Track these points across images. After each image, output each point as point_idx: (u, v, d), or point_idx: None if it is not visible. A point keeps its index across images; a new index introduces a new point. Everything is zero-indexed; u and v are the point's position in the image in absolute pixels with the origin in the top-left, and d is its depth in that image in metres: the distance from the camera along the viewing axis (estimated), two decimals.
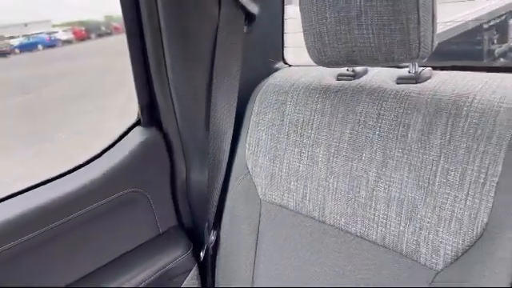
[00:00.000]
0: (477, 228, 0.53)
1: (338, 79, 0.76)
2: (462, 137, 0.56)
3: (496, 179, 0.52)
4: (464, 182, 0.55)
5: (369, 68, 0.77)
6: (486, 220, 0.53)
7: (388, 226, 0.62)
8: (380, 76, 0.72)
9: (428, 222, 0.58)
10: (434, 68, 0.70)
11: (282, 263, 0.78)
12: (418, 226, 0.59)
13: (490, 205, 0.52)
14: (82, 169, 0.91)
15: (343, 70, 0.76)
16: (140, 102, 0.96)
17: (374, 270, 0.64)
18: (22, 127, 6.00)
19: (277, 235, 0.79)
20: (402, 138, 0.61)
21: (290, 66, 0.98)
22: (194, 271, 0.99)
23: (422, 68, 0.67)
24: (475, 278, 0.53)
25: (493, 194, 0.52)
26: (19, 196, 0.83)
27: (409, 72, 0.67)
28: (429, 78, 0.66)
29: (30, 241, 0.77)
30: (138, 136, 0.96)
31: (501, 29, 2.38)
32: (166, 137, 0.97)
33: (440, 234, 0.56)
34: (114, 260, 0.91)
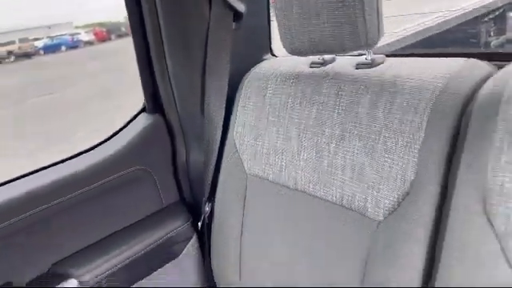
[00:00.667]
0: (406, 184, 0.65)
1: (311, 67, 0.88)
2: (397, 110, 0.67)
3: (419, 143, 0.63)
4: (397, 147, 0.66)
5: (337, 57, 0.88)
6: (412, 177, 0.64)
7: (344, 188, 0.74)
8: (343, 63, 0.83)
9: (373, 182, 0.69)
10: (391, 55, 0.81)
11: (263, 228, 0.91)
12: (365, 186, 0.70)
13: (415, 165, 0.64)
14: (95, 149, 1.05)
15: (315, 58, 0.88)
16: (145, 92, 1.10)
17: (333, 226, 0.76)
18: (43, 127, 6.31)
19: (259, 204, 0.92)
20: (354, 114, 0.73)
21: (277, 56, 1.10)
22: (194, 239, 1.13)
23: (376, 55, 0.78)
24: (406, 225, 0.65)
25: (417, 155, 0.64)
26: (40, 172, 0.98)
27: (365, 59, 0.78)
28: (381, 63, 0.77)
29: (48, 210, 0.91)
30: (143, 121, 1.10)
31: (498, 21, 2.41)
32: (167, 122, 1.10)
33: (381, 191, 0.68)
34: (122, 228, 1.05)
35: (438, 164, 0.62)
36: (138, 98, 1.15)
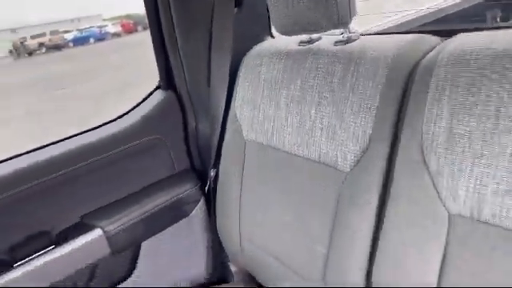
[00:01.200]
0: (367, 140, 0.77)
1: (299, 45, 1.00)
2: (361, 77, 0.79)
3: (376, 104, 0.76)
4: (361, 110, 0.78)
5: (323, 36, 1.01)
6: (370, 132, 0.76)
7: (321, 147, 0.87)
8: (326, 41, 0.96)
9: (342, 140, 0.82)
10: (365, 34, 0.93)
11: (258, 186, 1.05)
12: (337, 143, 0.83)
13: (373, 123, 0.76)
14: (116, 120, 1.22)
15: (304, 38, 1.01)
16: (159, 71, 1.25)
17: (314, 180, 0.89)
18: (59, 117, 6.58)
19: (255, 166, 1.06)
20: (329, 84, 0.86)
21: (274, 37, 1.23)
22: (202, 202, 1.28)
23: (352, 34, 0.90)
24: (366, 176, 0.77)
25: (374, 114, 0.76)
26: (70, 139, 1.15)
27: (342, 37, 0.91)
28: (355, 40, 0.89)
29: (77, 170, 1.08)
30: (158, 97, 1.25)
31: (506, 7, 2.41)
32: (179, 97, 1.25)
33: (348, 146, 0.81)
34: (140, 189, 1.21)
35: (390, 122, 0.74)
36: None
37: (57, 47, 25.66)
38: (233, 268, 1.29)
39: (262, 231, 1.06)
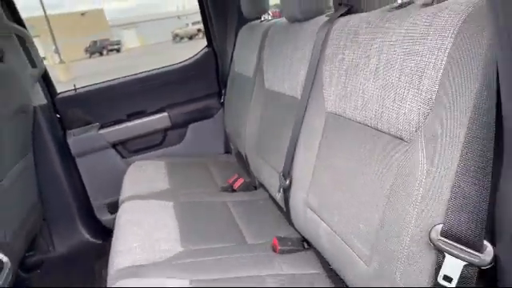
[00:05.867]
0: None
1: (260, 21, 1.94)
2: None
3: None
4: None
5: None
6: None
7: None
8: (265, 21, 1.90)
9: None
10: None
11: (235, 97, 2.05)
12: None
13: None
14: (183, 62, 2.34)
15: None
16: (206, 36, 2.34)
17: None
18: None
19: (235, 86, 2.06)
20: (256, 44, 1.82)
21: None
22: (221, 109, 2.34)
23: (272, 18, 1.83)
24: None
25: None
26: (158, 69, 2.32)
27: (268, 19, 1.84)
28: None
29: (158, 83, 2.26)
30: (205, 50, 2.35)
31: None
32: (214, 51, 2.32)
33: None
34: (188, 99, 2.32)
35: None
36: None
37: (190, 37, 29.23)
38: (232, 146, 2.33)
39: (238, 119, 2.04)
